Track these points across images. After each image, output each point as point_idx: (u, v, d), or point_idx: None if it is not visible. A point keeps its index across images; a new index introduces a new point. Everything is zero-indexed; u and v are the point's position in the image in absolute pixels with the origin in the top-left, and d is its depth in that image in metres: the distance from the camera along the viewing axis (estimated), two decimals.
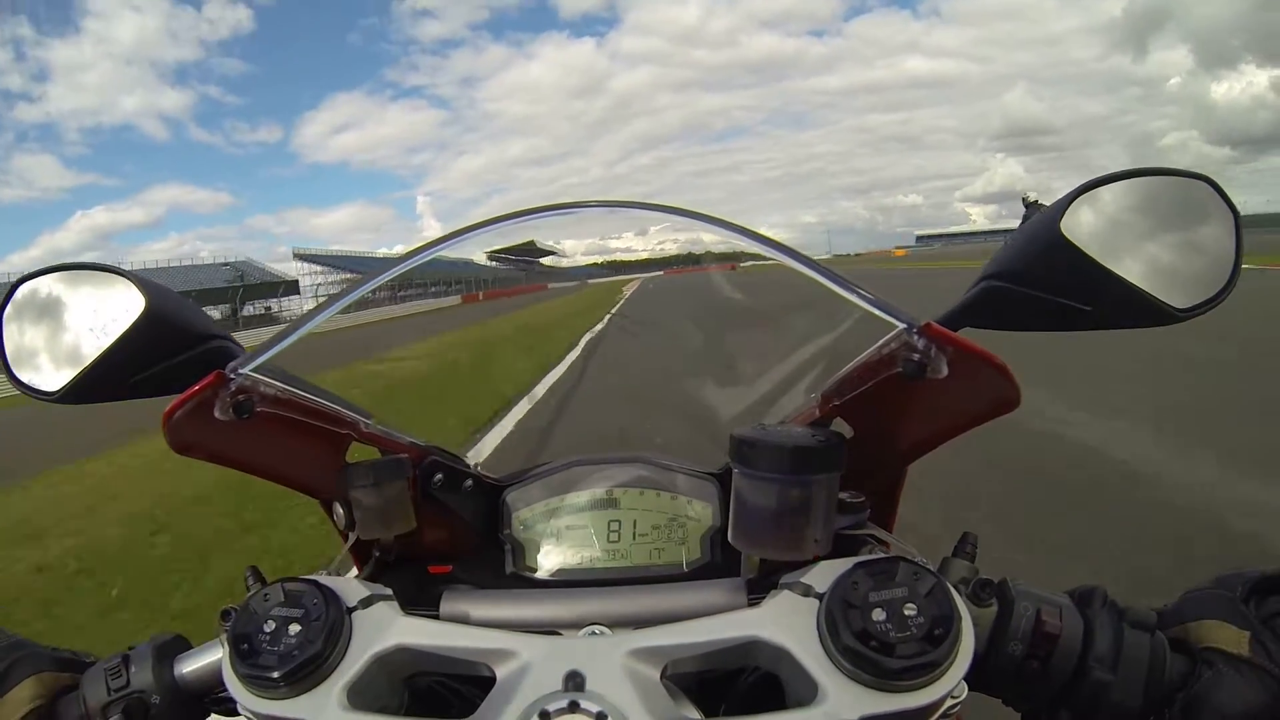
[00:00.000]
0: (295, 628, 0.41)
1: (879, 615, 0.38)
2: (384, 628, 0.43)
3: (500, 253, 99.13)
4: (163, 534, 3.70)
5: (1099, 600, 0.44)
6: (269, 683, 0.39)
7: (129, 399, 0.47)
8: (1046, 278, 0.41)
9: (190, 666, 0.47)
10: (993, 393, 0.42)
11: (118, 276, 0.47)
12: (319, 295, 51.47)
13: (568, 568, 0.64)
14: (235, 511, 3.75)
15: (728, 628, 0.41)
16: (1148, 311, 0.40)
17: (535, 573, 0.64)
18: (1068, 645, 0.42)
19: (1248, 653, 0.39)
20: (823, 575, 0.42)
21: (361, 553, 0.60)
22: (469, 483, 0.64)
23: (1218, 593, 0.43)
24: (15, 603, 2.97)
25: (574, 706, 0.36)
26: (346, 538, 0.57)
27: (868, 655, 0.36)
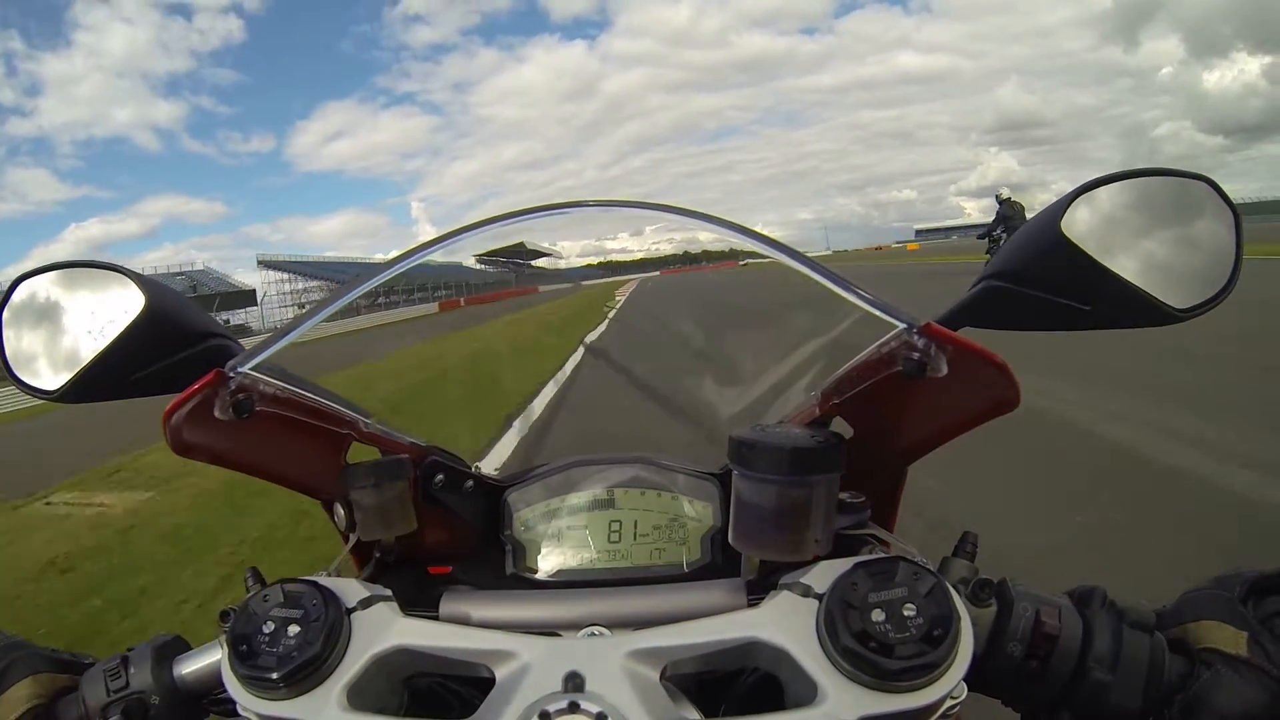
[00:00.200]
0: (294, 629, 0.41)
1: (878, 616, 0.38)
2: (383, 629, 0.43)
3: (489, 255, 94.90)
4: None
5: (1098, 601, 0.44)
6: (268, 684, 0.39)
7: (129, 397, 0.46)
8: (1046, 277, 0.41)
9: (189, 667, 0.47)
10: (993, 392, 0.42)
11: (117, 274, 0.46)
12: (288, 306, 50.30)
13: (568, 568, 0.64)
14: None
15: (727, 628, 0.41)
16: (1148, 311, 0.40)
17: (535, 573, 0.64)
18: (1067, 646, 0.42)
19: (1246, 653, 0.39)
20: (822, 576, 0.42)
21: (362, 553, 0.60)
22: (469, 483, 0.64)
23: (1216, 593, 0.43)
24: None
25: (574, 707, 0.35)
26: (347, 538, 0.56)
27: (867, 656, 0.36)
